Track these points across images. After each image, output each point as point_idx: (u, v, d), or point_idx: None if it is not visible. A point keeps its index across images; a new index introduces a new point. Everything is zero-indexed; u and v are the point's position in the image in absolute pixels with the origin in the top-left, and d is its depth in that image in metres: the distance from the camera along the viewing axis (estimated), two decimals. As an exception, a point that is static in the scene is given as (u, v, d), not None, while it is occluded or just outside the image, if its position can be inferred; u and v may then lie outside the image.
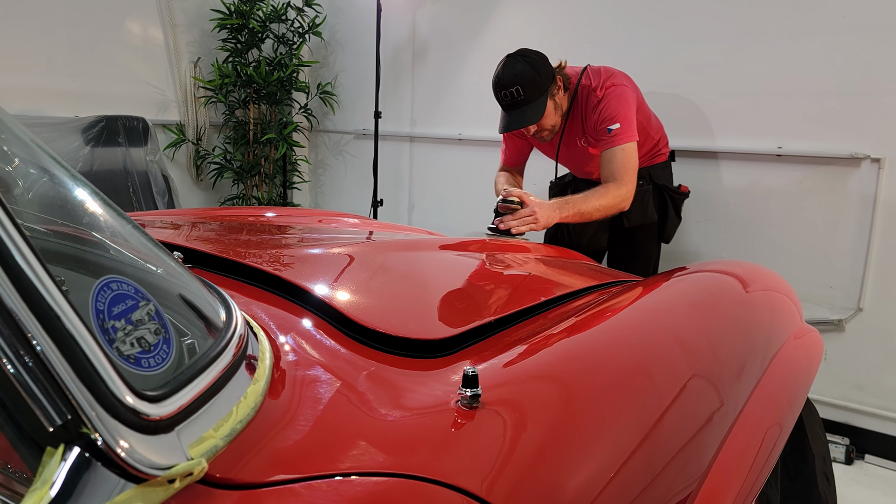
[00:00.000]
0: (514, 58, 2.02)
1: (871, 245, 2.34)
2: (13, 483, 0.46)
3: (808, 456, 1.30)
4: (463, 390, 0.63)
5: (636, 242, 2.31)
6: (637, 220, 2.25)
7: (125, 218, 0.68)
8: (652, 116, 2.28)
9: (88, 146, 3.24)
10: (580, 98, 2.12)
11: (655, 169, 2.30)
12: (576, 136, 2.18)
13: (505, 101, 2.02)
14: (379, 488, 0.52)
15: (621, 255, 2.32)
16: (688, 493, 0.70)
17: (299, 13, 3.82)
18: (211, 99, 3.73)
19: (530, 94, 1.98)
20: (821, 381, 2.46)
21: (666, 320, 0.99)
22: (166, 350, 0.52)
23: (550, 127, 2.10)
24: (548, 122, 2.08)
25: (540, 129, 2.10)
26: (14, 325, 0.39)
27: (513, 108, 2.02)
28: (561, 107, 2.10)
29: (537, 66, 2.00)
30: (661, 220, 2.31)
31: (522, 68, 1.98)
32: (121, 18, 3.48)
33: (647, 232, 2.31)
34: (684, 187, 2.35)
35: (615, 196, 2.01)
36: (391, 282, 1.07)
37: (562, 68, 2.11)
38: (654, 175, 2.29)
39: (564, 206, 1.95)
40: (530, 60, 2.00)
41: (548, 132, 2.13)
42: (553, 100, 2.06)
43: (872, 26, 2.27)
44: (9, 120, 0.63)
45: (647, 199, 2.27)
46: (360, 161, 4.04)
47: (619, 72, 2.15)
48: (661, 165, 2.32)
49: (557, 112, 2.10)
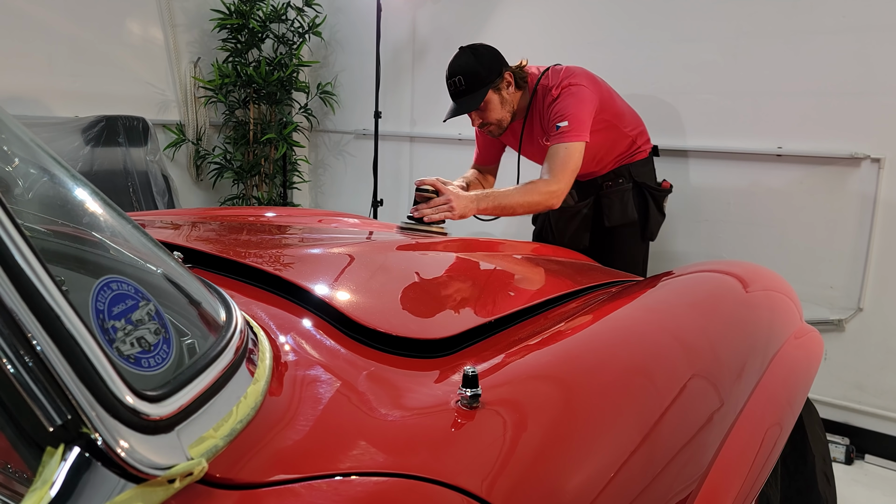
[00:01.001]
0: (464, 50, 2.08)
1: (871, 245, 2.34)
2: (13, 483, 0.46)
3: (808, 456, 1.30)
4: (463, 390, 0.63)
5: (618, 241, 2.29)
6: (617, 219, 2.25)
7: (125, 218, 0.68)
8: (626, 114, 2.25)
9: (88, 146, 3.24)
10: (538, 96, 2.12)
11: (636, 166, 2.28)
12: (536, 135, 2.18)
13: (451, 90, 2.07)
14: (379, 488, 0.52)
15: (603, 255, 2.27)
16: (688, 493, 0.70)
17: (299, 13, 3.82)
18: (211, 99, 3.73)
19: (471, 84, 2.02)
20: (821, 381, 2.46)
21: (666, 320, 0.99)
22: (166, 350, 0.52)
23: (496, 121, 2.11)
24: (492, 115, 2.08)
25: (486, 122, 2.11)
26: (14, 325, 0.39)
27: (456, 98, 2.06)
28: (511, 103, 2.11)
29: (483, 59, 2.04)
30: (643, 219, 2.30)
31: (467, 60, 2.03)
32: (121, 18, 3.48)
33: (629, 231, 2.29)
34: (666, 183, 2.33)
35: (542, 193, 1.97)
36: (391, 282, 1.07)
37: (521, 66, 2.13)
38: (633, 172, 2.27)
39: (483, 199, 1.92)
40: (477, 53, 2.05)
41: (494, 126, 2.13)
42: (499, 94, 2.07)
43: (872, 26, 2.27)
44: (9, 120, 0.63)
45: (626, 198, 2.25)
46: (360, 161, 4.04)
47: (582, 71, 2.13)
48: (641, 162, 2.29)
49: (505, 108, 2.10)
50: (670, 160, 2.73)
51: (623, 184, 2.25)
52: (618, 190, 2.24)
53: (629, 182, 2.26)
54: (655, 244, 2.44)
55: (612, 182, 2.27)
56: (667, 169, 2.73)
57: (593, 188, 2.28)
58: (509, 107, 2.11)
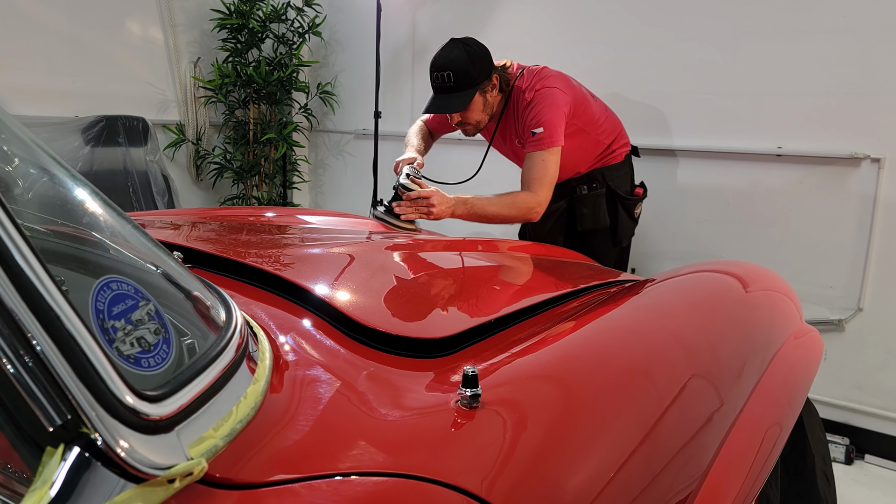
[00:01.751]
0: (456, 42, 1.99)
1: (871, 245, 2.34)
2: (13, 483, 0.46)
3: (808, 456, 1.30)
4: (463, 390, 0.63)
5: (590, 246, 2.26)
6: (589, 223, 2.24)
7: (125, 218, 0.68)
8: (600, 119, 2.21)
9: (88, 146, 3.24)
10: (513, 98, 2.10)
11: (609, 170, 2.26)
12: (510, 134, 2.16)
13: (435, 84, 1.99)
14: (379, 488, 0.52)
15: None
16: (688, 493, 0.70)
17: (299, 13, 3.82)
18: (211, 99, 3.73)
19: (460, 82, 1.95)
20: (821, 381, 2.46)
21: (666, 320, 0.99)
22: (166, 350, 0.52)
23: (475, 122, 2.08)
24: (473, 116, 2.05)
25: (464, 121, 2.07)
26: (14, 325, 0.39)
27: (441, 92, 1.99)
28: (491, 106, 2.07)
29: (475, 57, 1.97)
30: (613, 224, 2.28)
31: (459, 55, 1.95)
32: (121, 18, 3.48)
33: (600, 236, 2.28)
34: (639, 190, 2.31)
35: (522, 207, 1.97)
36: (391, 281, 1.07)
37: (505, 68, 2.08)
38: (607, 177, 2.25)
39: (462, 205, 1.91)
40: (470, 50, 1.97)
41: (472, 127, 2.10)
42: (484, 97, 2.03)
43: (872, 26, 2.27)
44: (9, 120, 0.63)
45: (599, 203, 2.24)
46: (359, 161, 4.04)
47: (556, 73, 2.11)
48: (615, 167, 2.27)
49: (486, 110, 2.06)
50: (670, 160, 2.73)
51: (597, 188, 2.24)
52: (591, 195, 2.22)
53: (603, 187, 2.24)
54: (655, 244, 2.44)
55: (587, 186, 2.25)
56: (667, 169, 2.73)
57: (567, 190, 2.26)
58: (490, 109, 2.09)
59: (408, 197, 1.82)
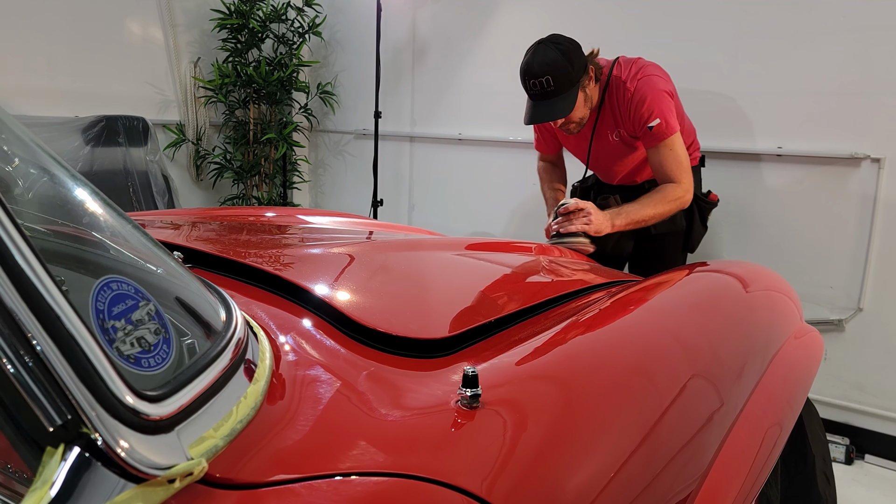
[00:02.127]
0: (545, 44, 1.88)
1: (871, 245, 2.34)
2: (13, 483, 0.46)
3: (808, 456, 1.30)
4: (463, 390, 0.63)
5: (661, 251, 2.21)
6: (665, 227, 2.13)
7: (125, 218, 0.68)
8: (685, 118, 2.17)
9: (88, 146, 3.24)
10: (612, 90, 2.00)
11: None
12: (607, 130, 2.08)
13: (533, 91, 1.89)
14: (379, 488, 0.52)
15: (645, 263, 2.21)
16: (688, 493, 0.70)
17: (299, 13, 3.82)
18: (211, 99, 3.73)
19: (561, 85, 1.85)
20: (821, 381, 2.46)
21: (666, 320, 0.99)
22: (166, 350, 0.52)
23: (578, 119, 1.99)
24: (576, 114, 1.96)
25: (567, 121, 1.98)
26: (14, 325, 0.39)
27: (541, 99, 1.89)
28: (591, 99, 1.99)
29: (570, 55, 1.86)
30: (687, 229, 2.21)
31: (554, 57, 1.84)
32: (121, 18, 3.48)
33: (672, 240, 2.21)
34: (713, 196, 2.26)
35: (674, 199, 1.95)
36: (391, 282, 1.07)
37: (594, 56, 1.99)
38: None
39: (618, 216, 1.89)
40: (563, 49, 1.86)
41: (575, 125, 2.01)
42: (584, 91, 1.94)
43: (872, 26, 2.27)
44: (9, 120, 0.63)
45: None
46: (360, 161, 4.04)
47: (650, 63, 2.05)
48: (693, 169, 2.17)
49: (587, 104, 1.98)
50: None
51: None
52: None
53: None
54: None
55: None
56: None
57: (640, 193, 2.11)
58: (590, 103, 1.99)
59: (564, 210, 1.85)
